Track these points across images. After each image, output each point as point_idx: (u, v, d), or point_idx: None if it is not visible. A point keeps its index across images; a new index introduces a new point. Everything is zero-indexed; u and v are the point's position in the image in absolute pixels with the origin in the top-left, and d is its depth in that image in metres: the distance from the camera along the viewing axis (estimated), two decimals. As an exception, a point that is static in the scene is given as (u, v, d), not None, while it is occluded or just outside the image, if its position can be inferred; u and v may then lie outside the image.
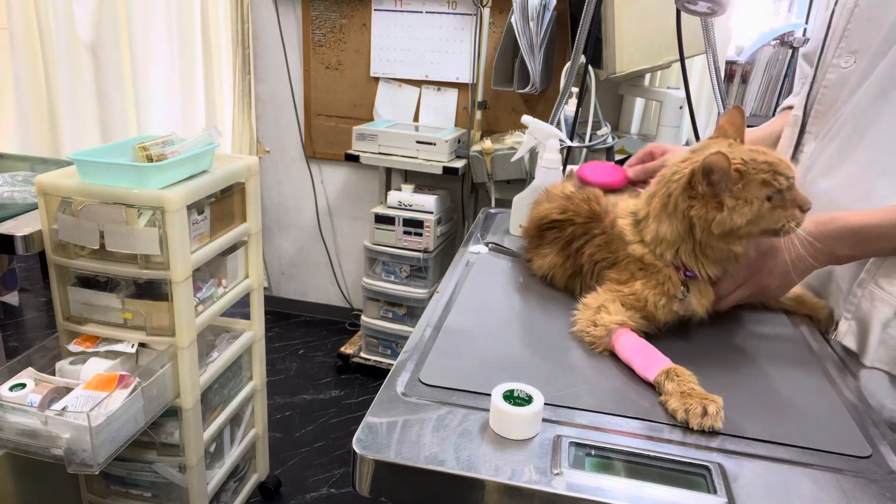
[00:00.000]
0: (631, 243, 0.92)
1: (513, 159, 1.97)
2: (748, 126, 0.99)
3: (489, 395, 0.71)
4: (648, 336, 0.88)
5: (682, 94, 2.04)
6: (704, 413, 0.72)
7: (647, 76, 2.35)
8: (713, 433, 0.72)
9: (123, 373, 1.36)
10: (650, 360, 0.81)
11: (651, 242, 0.89)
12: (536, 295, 1.04)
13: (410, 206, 2.55)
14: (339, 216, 3.11)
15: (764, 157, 0.83)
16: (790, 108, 1.21)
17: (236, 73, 2.84)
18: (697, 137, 1.65)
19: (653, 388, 0.79)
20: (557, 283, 1.04)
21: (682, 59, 1.52)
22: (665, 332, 0.91)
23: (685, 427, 0.72)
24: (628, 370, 0.83)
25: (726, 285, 0.93)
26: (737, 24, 2.58)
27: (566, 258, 1.01)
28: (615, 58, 2.01)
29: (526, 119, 1.31)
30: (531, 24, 2.28)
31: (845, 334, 0.96)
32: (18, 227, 1.42)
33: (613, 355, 0.86)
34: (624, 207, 0.96)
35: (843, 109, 1.00)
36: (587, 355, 0.86)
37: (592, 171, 1.16)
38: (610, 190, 1.14)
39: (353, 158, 2.63)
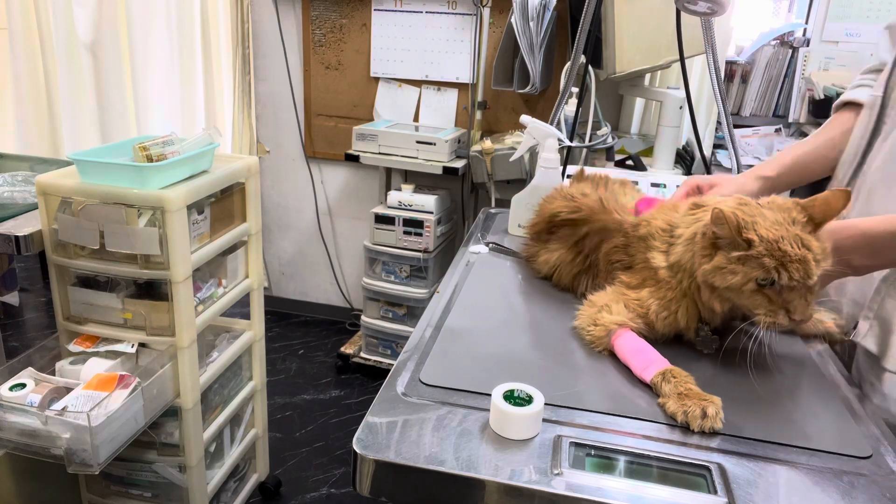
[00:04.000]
0: (653, 249, 0.90)
1: (511, 159, 1.97)
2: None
3: (489, 395, 0.71)
4: (648, 338, 0.88)
5: (682, 94, 2.04)
6: (704, 415, 0.72)
7: (647, 76, 2.35)
8: (713, 433, 0.72)
9: (123, 373, 1.35)
10: (647, 361, 0.80)
11: (674, 265, 0.87)
12: (537, 295, 1.04)
13: (410, 206, 2.55)
14: (339, 216, 3.11)
15: (790, 248, 0.76)
16: (850, 103, 1.07)
17: (236, 73, 2.84)
18: (697, 137, 1.65)
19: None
20: (563, 279, 1.04)
21: (682, 59, 1.52)
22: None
23: (685, 427, 0.72)
24: (628, 370, 0.83)
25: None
26: (737, 24, 2.58)
27: (576, 254, 1.01)
28: (615, 58, 2.01)
29: (524, 119, 1.31)
30: (531, 24, 2.28)
31: (865, 335, 0.90)
32: (18, 227, 1.42)
33: (614, 355, 0.86)
34: (665, 217, 0.93)
35: None
36: (588, 355, 0.86)
37: (647, 205, 1.15)
38: None
39: (353, 158, 2.62)
